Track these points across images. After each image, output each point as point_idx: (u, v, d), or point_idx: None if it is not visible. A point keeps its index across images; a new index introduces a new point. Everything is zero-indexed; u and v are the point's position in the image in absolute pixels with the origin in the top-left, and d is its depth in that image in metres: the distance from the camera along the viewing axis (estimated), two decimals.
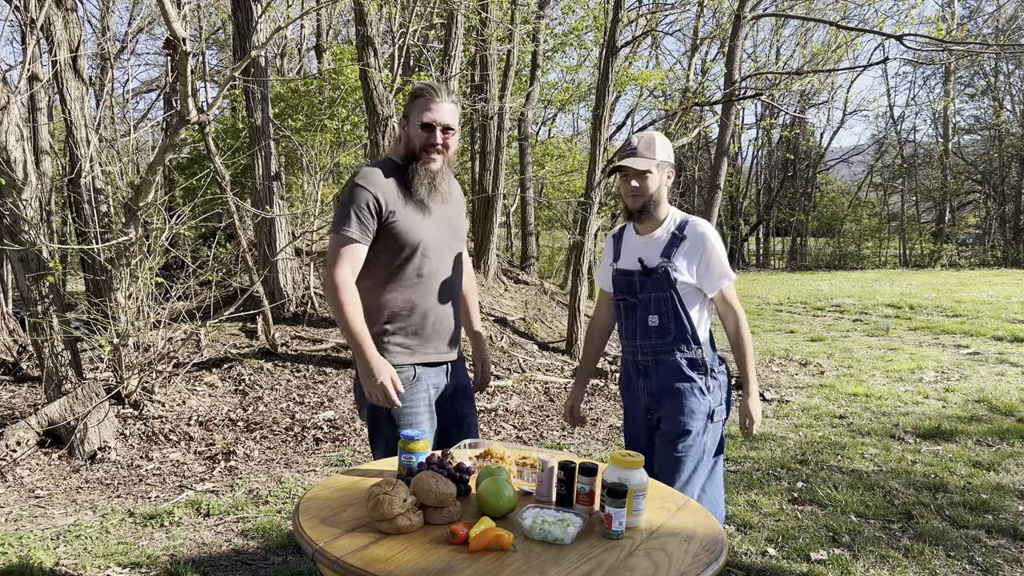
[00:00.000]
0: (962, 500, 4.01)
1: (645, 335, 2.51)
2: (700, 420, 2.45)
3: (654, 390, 2.51)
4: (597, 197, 7.67)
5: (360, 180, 2.34)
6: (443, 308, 2.45)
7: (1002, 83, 25.06)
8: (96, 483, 4.27)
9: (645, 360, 2.53)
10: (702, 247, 2.46)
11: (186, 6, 5.04)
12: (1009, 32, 21.70)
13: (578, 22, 13.22)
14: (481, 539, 1.51)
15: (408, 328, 2.40)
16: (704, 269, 2.46)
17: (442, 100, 2.37)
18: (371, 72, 6.17)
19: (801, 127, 26.09)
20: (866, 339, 9.48)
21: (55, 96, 7.00)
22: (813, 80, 16.88)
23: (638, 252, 2.52)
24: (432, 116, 2.36)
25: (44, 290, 4.59)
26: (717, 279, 2.48)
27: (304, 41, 14.12)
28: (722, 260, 2.48)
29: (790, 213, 27.62)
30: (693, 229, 2.48)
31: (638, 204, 2.48)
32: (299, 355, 6.67)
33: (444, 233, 2.46)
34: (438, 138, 2.37)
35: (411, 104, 2.43)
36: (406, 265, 2.38)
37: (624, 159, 2.50)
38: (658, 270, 2.46)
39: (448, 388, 2.51)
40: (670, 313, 2.46)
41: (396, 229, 2.34)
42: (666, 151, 2.51)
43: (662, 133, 2.50)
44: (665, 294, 2.46)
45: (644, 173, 2.45)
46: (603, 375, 6.87)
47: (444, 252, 2.46)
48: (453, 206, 2.52)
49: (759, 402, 2.59)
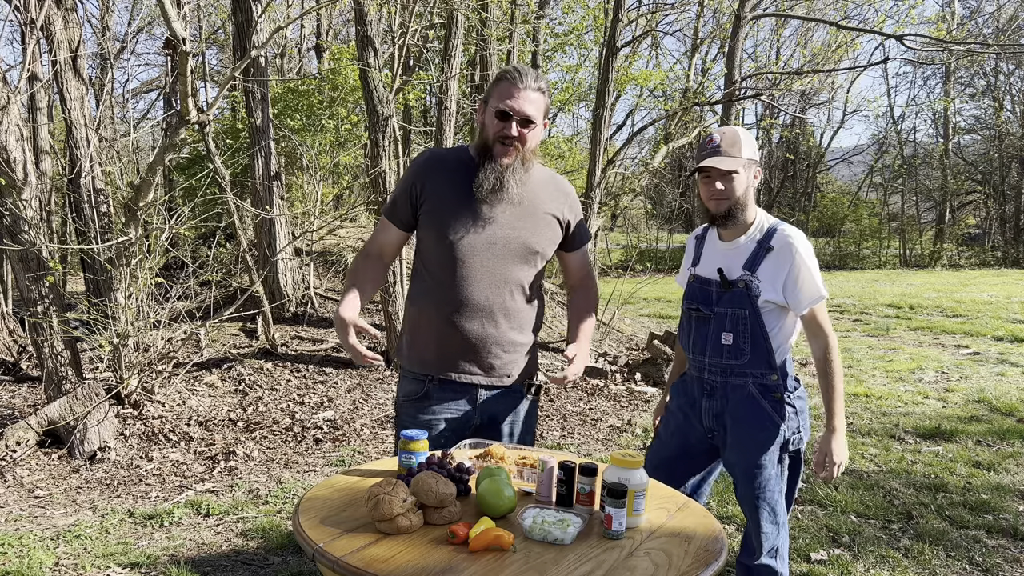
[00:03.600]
0: (962, 500, 4.01)
1: (716, 353, 2.26)
2: (773, 452, 2.25)
3: (719, 413, 2.29)
4: (597, 197, 7.67)
5: (416, 158, 2.26)
6: (473, 323, 2.16)
7: (1002, 83, 25.05)
8: (96, 483, 4.27)
9: (712, 380, 2.29)
10: (790, 260, 2.17)
11: (186, 6, 5.04)
12: (1009, 32, 21.69)
13: (578, 22, 13.23)
14: (481, 539, 1.51)
15: (429, 333, 2.20)
16: (792, 285, 2.18)
17: (526, 87, 2.09)
18: (371, 72, 6.17)
19: (801, 127, 26.08)
20: (866, 339, 9.48)
21: (55, 96, 7.00)
22: (813, 80, 16.88)
23: (719, 260, 2.28)
24: (510, 104, 2.08)
25: (44, 290, 4.58)
26: (806, 297, 2.19)
27: (304, 41, 14.12)
28: (813, 275, 2.19)
29: (790, 213, 27.60)
30: (781, 238, 2.20)
31: (722, 208, 2.21)
32: (299, 355, 6.67)
33: (495, 242, 2.15)
34: (513, 130, 2.09)
35: (492, 88, 2.17)
36: (441, 261, 2.16)
37: (707, 159, 2.20)
38: (738, 284, 2.21)
39: (473, 417, 2.24)
40: (747, 333, 2.22)
41: (430, 219, 2.16)
42: (752, 147, 2.23)
43: (744, 129, 2.20)
44: (743, 311, 2.21)
45: (730, 174, 2.18)
46: (603, 375, 6.86)
47: (490, 260, 2.15)
48: (526, 211, 2.19)
49: (845, 441, 2.26)
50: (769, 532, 2.31)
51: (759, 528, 2.31)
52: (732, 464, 2.33)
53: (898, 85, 61.08)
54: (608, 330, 9.24)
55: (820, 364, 2.26)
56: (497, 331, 2.18)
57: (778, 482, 2.29)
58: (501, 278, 2.17)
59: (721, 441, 2.34)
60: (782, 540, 2.35)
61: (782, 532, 2.35)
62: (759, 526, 2.30)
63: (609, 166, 9.59)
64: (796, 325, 2.31)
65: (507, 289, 2.18)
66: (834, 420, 2.25)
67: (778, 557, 2.35)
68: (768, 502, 2.29)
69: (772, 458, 2.26)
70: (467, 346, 2.18)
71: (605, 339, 8.75)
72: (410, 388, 2.25)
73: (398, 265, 6.61)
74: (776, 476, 2.28)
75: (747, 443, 2.26)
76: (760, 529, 2.31)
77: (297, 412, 5.52)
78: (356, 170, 11.64)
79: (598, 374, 6.90)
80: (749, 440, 2.26)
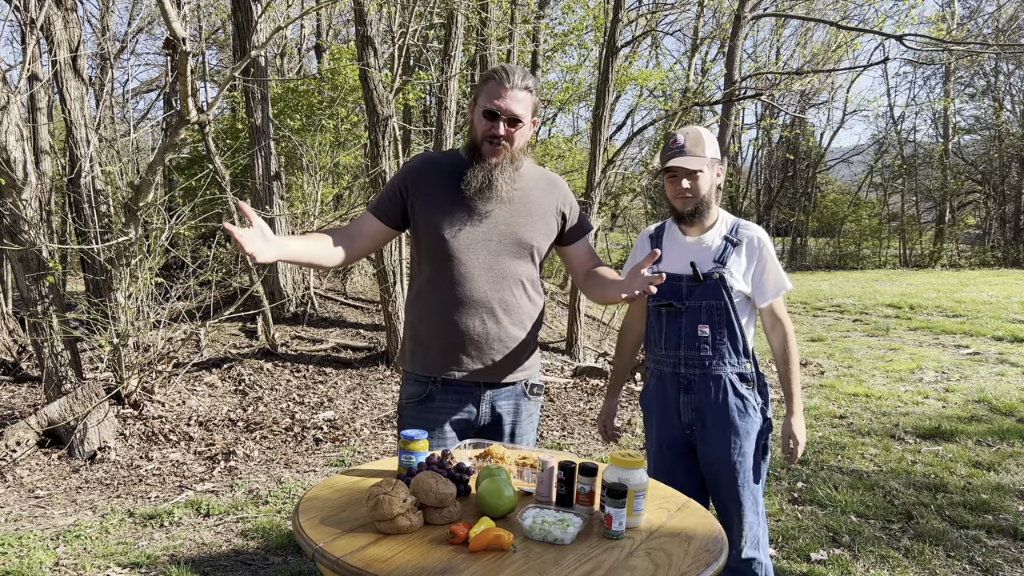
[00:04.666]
0: (962, 500, 4.01)
1: (691, 346, 2.32)
2: (754, 438, 2.32)
3: (699, 406, 2.34)
4: (597, 197, 7.67)
5: (406, 163, 2.27)
6: (474, 320, 2.15)
7: (1002, 83, 25.06)
8: (96, 483, 4.27)
9: (690, 373, 2.34)
10: (757, 253, 2.31)
11: (186, 6, 5.04)
12: (1009, 32, 21.70)
13: (578, 22, 13.22)
14: (481, 539, 1.51)
15: (430, 333, 2.19)
16: (759, 277, 2.32)
17: (513, 86, 2.09)
18: (371, 72, 6.18)
19: (801, 127, 26.08)
20: (866, 339, 9.48)
21: (55, 96, 7.01)
22: (813, 80, 16.88)
23: (688, 255, 2.33)
24: (498, 103, 2.08)
25: (44, 290, 4.58)
26: (771, 289, 2.33)
27: (304, 41, 14.12)
28: (778, 269, 2.33)
29: (790, 213, 27.62)
30: (747, 234, 2.33)
31: (689, 207, 2.30)
32: (299, 355, 6.67)
33: (491, 238, 2.16)
34: (501, 129, 2.09)
35: (480, 87, 2.16)
36: (437, 261, 2.17)
37: (672, 159, 2.28)
38: (712, 276, 2.29)
39: (477, 417, 2.23)
40: (723, 323, 2.29)
41: (425, 219, 2.16)
42: (715, 147, 2.33)
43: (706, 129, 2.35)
44: (719, 303, 2.29)
45: (695, 173, 2.27)
46: (603, 375, 6.86)
47: (487, 256, 2.16)
48: (519, 208, 2.20)
49: (803, 422, 2.41)
50: (752, 522, 2.34)
51: (742, 519, 2.33)
52: (715, 458, 2.34)
53: (898, 85, 61.15)
54: (608, 330, 9.24)
55: (780, 351, 2.39)
56: (498, 327, 2.18)
57: (759, 469, 2.35)
58: (499, 273, 2.17)
59: (699, 437, 2.36)
60: (762, 530, 2.38)
61: (761, 521, 2.38)
62: (742, 517, 2.33)
63: (609, 166, 9.59)
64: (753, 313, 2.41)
65: (505, 285, 2.18)
66: (793, 403, 2.40)
67: (759, 547, 2.38)
68: (751, 491, 2.33)
69: (751, 446, 2.32)
70: (469, 343, 2.17)
71: (605, 339, 8.75)
72: (413, 390, 2.24)
73: (397, 265, 6.61)
74: (758, 463, 2.34)
75: (729, 433, 2.30)
76: (744, 519, 2.33)
77: (297, 412, 5.52)
78: (356, 170, 11.63)
79: (598, 374, 6.91)
80: (731, 430, 2.30)
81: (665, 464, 2.44)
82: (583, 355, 7.62)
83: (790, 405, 2.39)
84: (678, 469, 2.42)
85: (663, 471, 2.43)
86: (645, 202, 25.75)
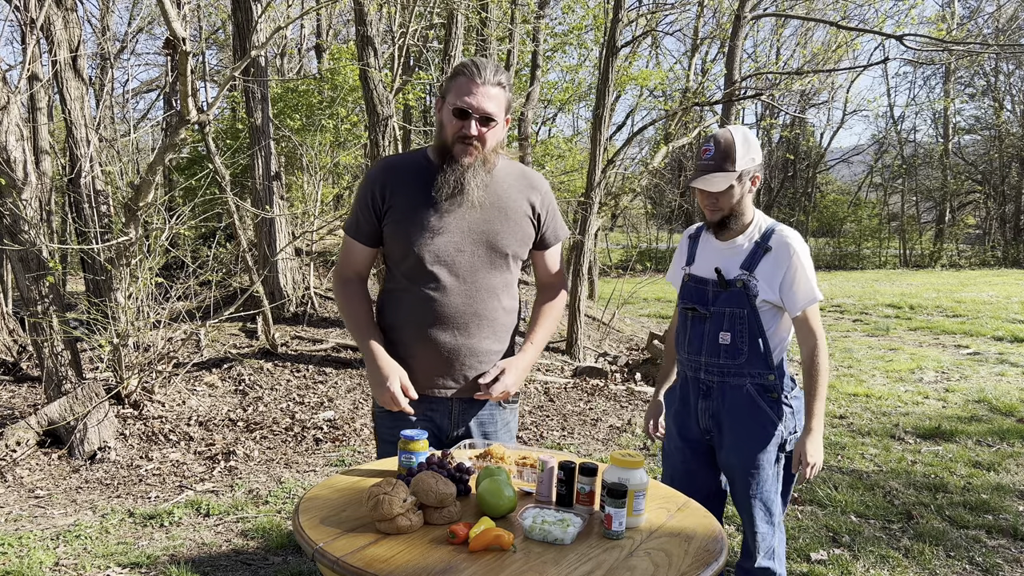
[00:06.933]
0: (962, 500, 4.01)
1: (712, 352, 2.26)
2: (771, 452, 2.25)
3: (716, 413, 2.29)
4: (597, 197, 7.67)
5: (370, 170, 2.13)
6: (446, 335, 2.07)
7: (1002, 83, 25.05)
8: (96, 483, 4.27)
9: (709, 380, 2.29)
10: (787, 261, 2.20)
11: (186, 6, 5.04)
12: (1009, 32, 21.70)
13: (578, 22, 13.22)
14: (481, 539, 1.51)
15: (402, 350, 2.10)
16: (788, 286, 2.20)
17: (485, 82, 1.96)
18: (371, 72, 6.18)
19: (801, 127, 26.07)
20: (866, 339, 9.48)
21: (55, 96, 7.01)
22: (813, 80, 16.88)
23: (716, 259, 2.29)
24: (468, 101, 1.96)
25: (44, 290, 4.58)
26: (802, 298, 2.21)
27: (304, 41, 14.12)
28: (809, 277, 2.21)
29: (790, 213, 27.60)
30: (780, 239, 2.23)
31: (716, 218, 2.25)
32: (299, 355, 6.67)
33: (463, 248, 2.06)
34: (472, 129, 1.97)
35: (448, 83, 2.02)
36: (408, 273, 2.08)
37: (699, 176, 2.20)
38: (736, 283, 2.23)
39: (450, 429, 2.18)
40: (745, 332, 2.22)
41: (394, 230, 2.06)
42: (748, 155, 2.20)
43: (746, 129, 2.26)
44: (742, 311, 2.22)
45: (724, 190, 2.20)
46: (603, 375, 6.86)
47: (460, 269, 2.07)
48: (493, 213, 2.09)
49: (821, 442, 2.24)
50: (765, 532, 2.31)
51: (754, 529, 2.31)
52: (729, 465, 2.33)
53: (898, 85, 61.12)
54: (608, 330, 9.24)
55: (807, 364, 2.26)
56: (470, 341, 2.10)
57: (775, 482, 2.29)
58: (473, 286, 2.08)
59: (717, 442, 2.33)
60: (779, 541, 2.35)
61: (778, 532, 2.34)
62: (754, 527, 2.30)
63: (609, 166, 9.59)
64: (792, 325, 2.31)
65: (479, 297, 2.09)
66: (812, 421, 2.23)
67: (775, 558, 2.35)
68: (764, 502, 2.29)
69: (769, 458, 2.26)
70: (440, 360, 2.10)
71: (605, 339, 8.75)
72: None
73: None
74: (773, 476, 2.29)
75: (745, 443, 2.26)
76: (756, 530, 2.30)
77: (297, 412, 5.52)
78: (356, 170, 11.64)
79: (598, 374, 6.90)
80: (747, 440, 2.26)
81: (687, 464, 2.42)
82: (583, 355, 7.62)
83: (808, 422, 2.24)
84: (699, 469, 2.41)
85: (683, 470, 2.42)
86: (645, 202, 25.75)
